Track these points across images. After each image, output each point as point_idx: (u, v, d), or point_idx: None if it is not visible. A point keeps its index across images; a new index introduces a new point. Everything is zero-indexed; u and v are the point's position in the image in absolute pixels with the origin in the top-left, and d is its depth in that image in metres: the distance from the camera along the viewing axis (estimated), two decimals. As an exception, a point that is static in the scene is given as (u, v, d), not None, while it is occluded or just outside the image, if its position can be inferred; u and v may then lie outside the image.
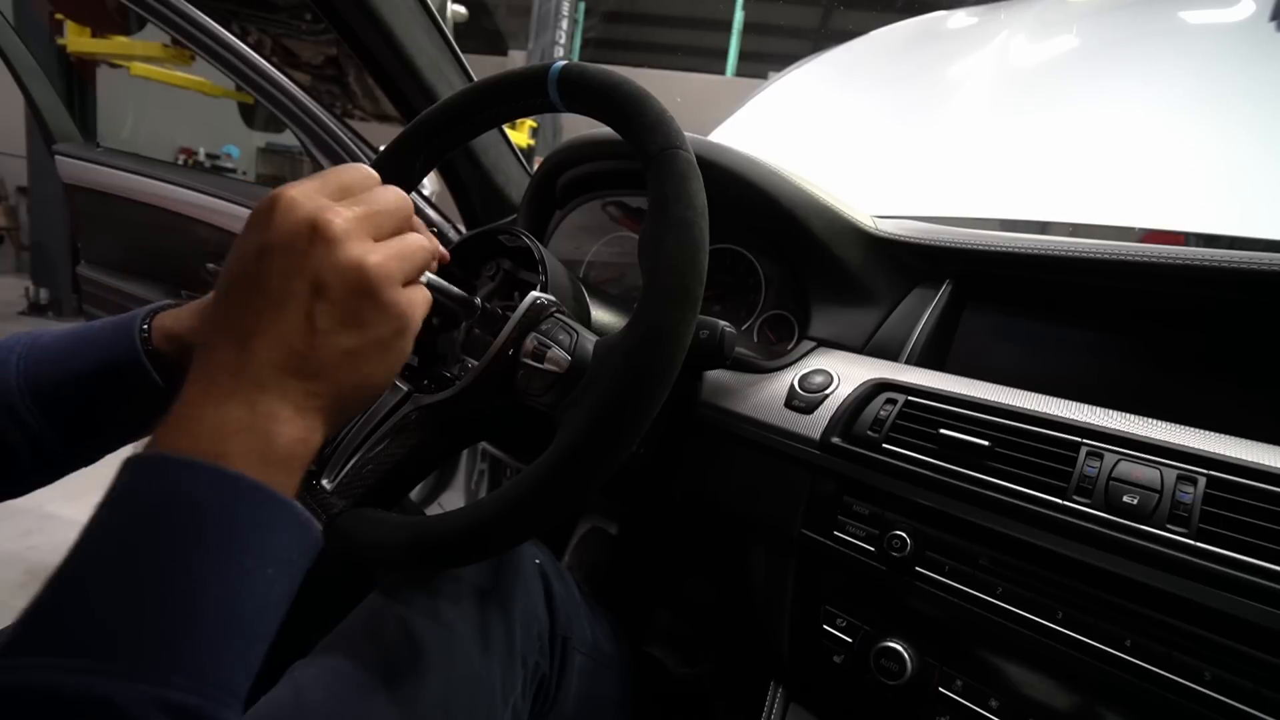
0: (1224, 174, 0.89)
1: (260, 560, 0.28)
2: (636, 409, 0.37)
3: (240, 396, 0.30)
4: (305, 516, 0.31)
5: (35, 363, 0.42)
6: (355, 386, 0.33)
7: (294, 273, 0.31)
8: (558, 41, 5.49)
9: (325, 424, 0.33)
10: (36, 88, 1.32)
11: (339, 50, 2.64)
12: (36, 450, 0.42)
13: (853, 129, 1.35)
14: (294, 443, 0.31)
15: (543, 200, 0.85)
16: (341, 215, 0.32)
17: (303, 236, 0.31)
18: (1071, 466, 0.44)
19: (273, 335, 0.31)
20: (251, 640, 0.28)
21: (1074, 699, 0.41)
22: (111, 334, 0.44)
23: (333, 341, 0.32)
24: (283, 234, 0.32)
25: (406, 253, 0.35)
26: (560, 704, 0.54)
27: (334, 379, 0.32)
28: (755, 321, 0.71)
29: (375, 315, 0.33)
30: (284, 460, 0.30)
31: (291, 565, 0.30)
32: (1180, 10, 1.24)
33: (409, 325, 0.35)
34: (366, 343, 0.33)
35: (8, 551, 1.55)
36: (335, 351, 0.32)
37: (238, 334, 0.31)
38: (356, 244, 0.32)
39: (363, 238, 0.33)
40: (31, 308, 3.83)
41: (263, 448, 0.29)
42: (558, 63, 0.45)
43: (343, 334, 0.32)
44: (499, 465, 1.16)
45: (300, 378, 0.31)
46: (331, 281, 0.31)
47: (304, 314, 0.31)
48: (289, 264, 0.31)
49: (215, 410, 0.29)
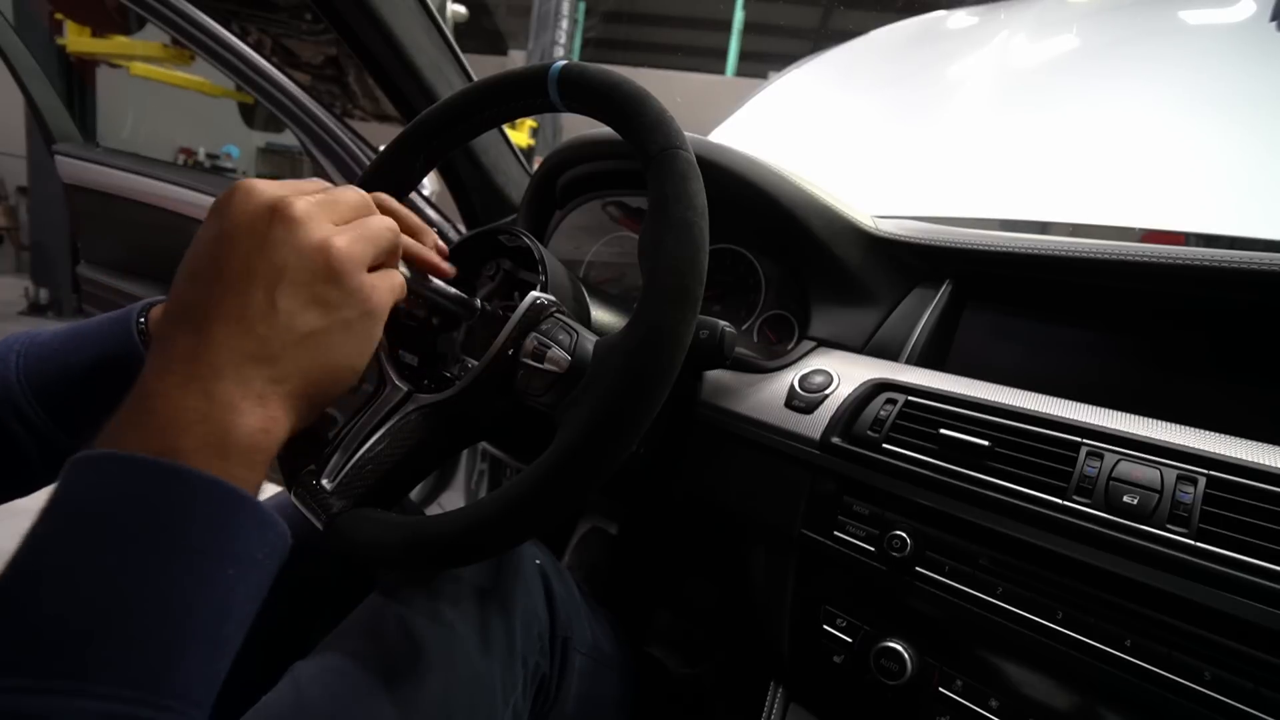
0: (1224, 174, 0.89)
1: (217, 561, 0.27)
2: (637, 409, 0.37)
3: (196, 385, 0.28)
4: (267, 513, 0.29)
5: (35, 360, 0.42)
6: (321, 371, 0.32)
7: (254, 253, 0.31)
8: (558, 41, 5.49)
9: (290, 413, 0.32)
10: (36, 88, 1.32)
11: (339, 50, 2.64)
12: (43, 447, 0.42)
13: (853, 129, 1.35)
14: (254, 433, 0.29)
15: (543, 200, 0.85)
16: (303, 198, 0.32)
17: (262, 219, 0.31)
18: (1071, 466, 0.44)
19: (232, 318, 0.30)
20: (212, 646, 0.26)
21: (1074, 699, 0.41)
22: (109, 328, 0.44)
23: (294, 323, 0.31)
24: (243, 217, 0.31)
25: (370, 234, 0.35)
26: (560, 704, 0.54)
27: (297, 363, 0.31)
28: (755, 321, 0.71)
29: (340, 297, 0.32)
30: (244, 453, 0.29)
31: (255, 565, 0.28)
32: (1180, 10, 1.24)
33: (376, 309, 0.34)
34: (331, 324, 0.32)
35: (8, 551, 1.55)
36: (297, 334, 0.31)
37: (195, 319, 0.30)
38: (319, 225, 0.32)
39: (323, 220, 0.33)
40: (31, 308, 3.83)
41: (220, 440, 0.28)
42: (558, 63, 0.45)
43: (305, 315, 0.31)
44: (499, 465, 1.16)
45: (260, 363, 0.30)
46: (293, 263, 0.31)
47: (264, 295, 0.30)
48: (249, 246, 0.31)
49: (168, 401, 0.28)
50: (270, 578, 0.30)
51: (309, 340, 0.32)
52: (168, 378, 0.29)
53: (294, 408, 0.32)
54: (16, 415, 0.41)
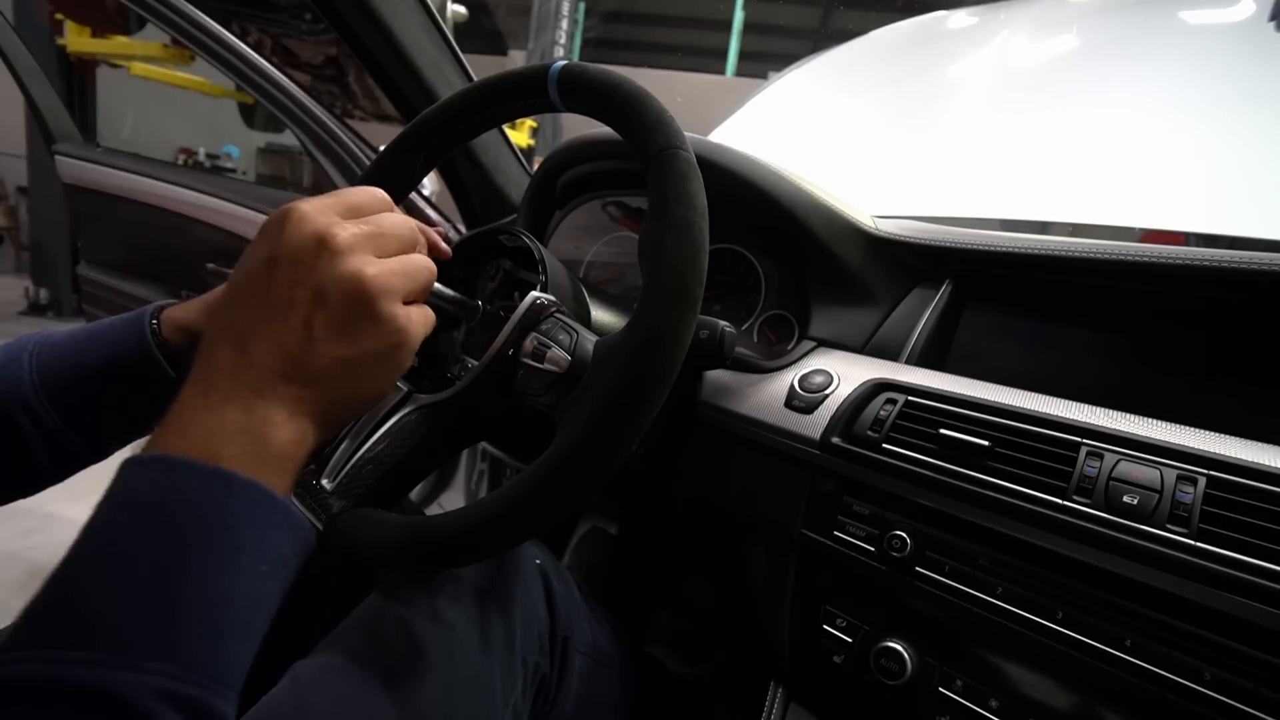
0: (1224, 174, 0.89)
1: (254, 557, 0.29)
2: (637, 409, 0.37)
3: (237, 400, 0.31)
4: (297, 515, 0.31)
5: (48, 361, 0.43)
6: (349, 396, 0.34)
7: (298, 282, 0.32)
8: (558, 41, 5.49)
9: (318, 428, 0.34)
10: (36, 88, 1.32)
11: (339, 50, 2.64)
12: (54, 447, 0.43)
13: (853, 129, 1.35)
14: (287, 445, 0.32)
15: (543, 200, 0.85)
16: (348, 230, 0.34)
17: (309, 250, 0.33)
18: (1071, 466, 0.44)
19: (272, 341, 0.32)
20: (245, 635, 0.28)
21: (1074, 699, 0.41)
22: (122, 329, 0.45)
23: (328, 350, 0.33)
24: (292, 246, 0.33)
25: (408, 270, 0.36)
26: (560, 704, 0.54)
27: (327, 387, 0.33)
28: (755, 321, 0.71)
29: (371, 327, 0.34)
30: (277, 461, 0.31)
31: (284, 563, 0.30)
32: (1180, 10, 1.24)
33: (406, 341, 0.36)
34: (362, 354, 0.34)
35: (8, 551, 1.55)
36: (330, 360, 0.33)
37: (238, 338, 0.32)
38: (358, 257, 0.34)
39: (365, 252, 0.34)
40: (31, 308, 3.83)
41: (257, 449, 0.30)
42: (558, 63, 0.45)
43: (338, 343, 0.33)
44: (499, 465, 1.16)
45: (295, 384, 0.32)
46: (331, 291, 0.33)
47: (303, 322, 0.32)
48: (295, 274, 0.32)
49: (211, 413, 0.30)
50: (293, 575, 0.32)
51: (340, 366, 0.33)
52: (211, 393, 0.31)
53: (322, 424, 0.34)
54: (28, 414, 0.42)
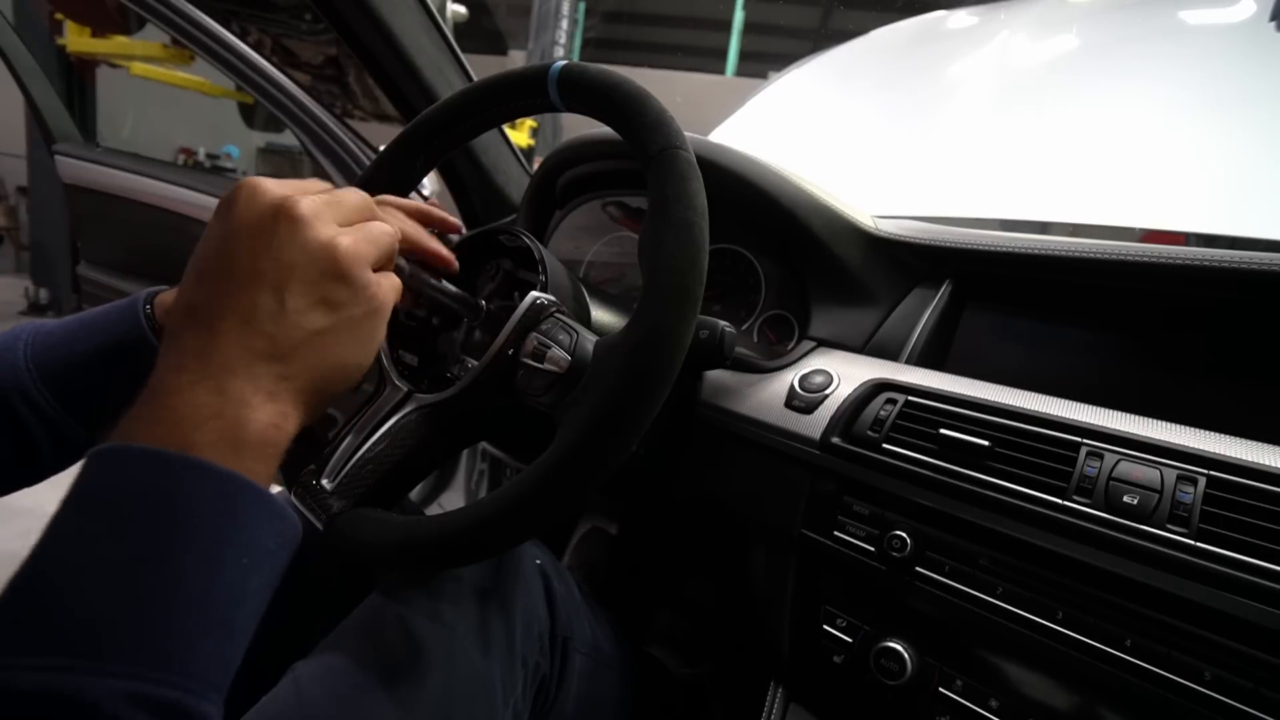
0: (1224, 174, 0.89)
1: (234, 550, 0.27)
2: (637, 409, 0.37)
3: (209, 382, 0.29)
4: (279, 505, 0.30)
5: (43, 348, 0.43)
6: (328, 368, 0.33)
7: (261, 253, 0.31)
8: (558, 41, 5.49)
9: (299, 409, 0.32)
10: (36, 88, 1.32)
11: (339, 50, 2.64)
12: (53, 435, 0.43)
13: (853, 129, 1.35)
14: (266, 428, 0.30)
15: (543, 200, 0.85)
16: (307, 198, 0.33)
17: (268, 218, 0.32)
18: (1071, 466, 0.44)
19: (241, 316, 0.30)
20: (226, 632, 0.27)
21: (1074, 699, 0.41)
22: (116, 315, 0.45)
23: (303, 321, 0.32)
24: (249, 217, 0.32)
25: (372, 237, 0.35)
26: (560, 704, 0.54)
27: (305, 361, 0.32)
28: (755, 321, 0.71)
29: (347, 296, 0.33)
30: (256, 446, 0.30)
31: (268, 555, 0.29)
32: (1180, 10, 1.24)
33: (380, 307, 0.35)
34: (337, 323, 0.33)
35: (8, 551, 1.54)
36: (305, 332, 0.32)
37: (205, 317, 0.31)
38: (325, 225, 0.33)
39: (329, 220, 0.33)
40: (31, 308, 3.83)
41: (233, 434, 0.29)
42: (558, 63, 0.45)
43: (313, 314, 0.32)
44: (499, 465, 1.16)
45: (270, 360, 0.31)
46: (300, 261, 0.32)
47: (273, 294, 0.31)
48: (256, 245, 0.31)
49: (182, 398, 0.29)
50: (281, 568, 0.30)
51: (317, 338, 0.32)
52: (181, 375, 0.29)
53: (303, 403, 0.33)
54: (26, 402, 0.42)
